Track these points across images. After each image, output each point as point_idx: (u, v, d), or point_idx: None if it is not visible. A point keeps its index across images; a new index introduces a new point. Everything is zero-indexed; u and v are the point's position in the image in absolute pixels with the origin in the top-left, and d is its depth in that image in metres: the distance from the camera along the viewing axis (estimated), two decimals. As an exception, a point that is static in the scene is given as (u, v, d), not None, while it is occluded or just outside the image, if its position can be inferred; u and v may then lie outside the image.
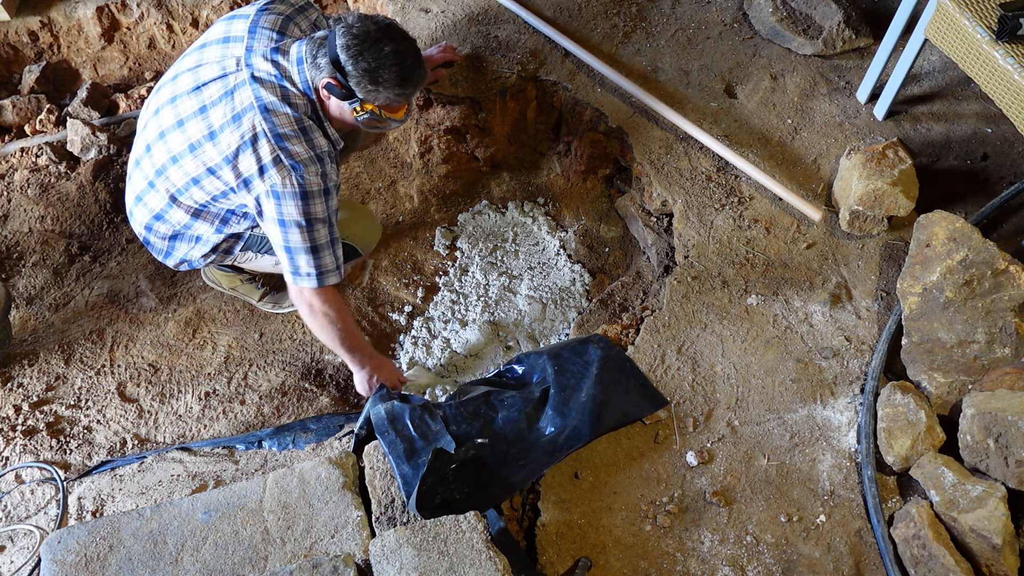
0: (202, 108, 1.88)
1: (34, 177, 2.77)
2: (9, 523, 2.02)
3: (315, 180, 1.86)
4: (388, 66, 1.79)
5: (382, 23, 1.81)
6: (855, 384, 2.07)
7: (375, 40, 1.77)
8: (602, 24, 2.80)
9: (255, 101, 1.82)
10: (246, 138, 1.83)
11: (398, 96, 1.86)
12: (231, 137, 1.84)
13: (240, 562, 1.73)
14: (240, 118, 1.84)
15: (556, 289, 2.61)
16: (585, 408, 1.94)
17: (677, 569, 1.79)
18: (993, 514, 1.71)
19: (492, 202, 2.84)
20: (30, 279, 2.56)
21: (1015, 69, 2.02)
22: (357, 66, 1.78)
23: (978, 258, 1.98)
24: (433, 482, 1.80)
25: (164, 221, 2.06)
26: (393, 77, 1.81)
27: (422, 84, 1.91)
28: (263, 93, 1.82)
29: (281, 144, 1.82)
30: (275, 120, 1.82)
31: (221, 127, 1.86)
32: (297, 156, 1.83)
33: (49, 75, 3.03)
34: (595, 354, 2.05)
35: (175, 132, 1.92)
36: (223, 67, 1.89)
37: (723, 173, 2.47)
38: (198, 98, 1.90)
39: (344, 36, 1.77)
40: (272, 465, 2.13)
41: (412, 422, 1.93)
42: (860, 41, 2.73)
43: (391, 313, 2.58)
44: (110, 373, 2.37)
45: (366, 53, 1.77)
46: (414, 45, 1.86)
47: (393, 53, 1.79)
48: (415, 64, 1.84)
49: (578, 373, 2.01)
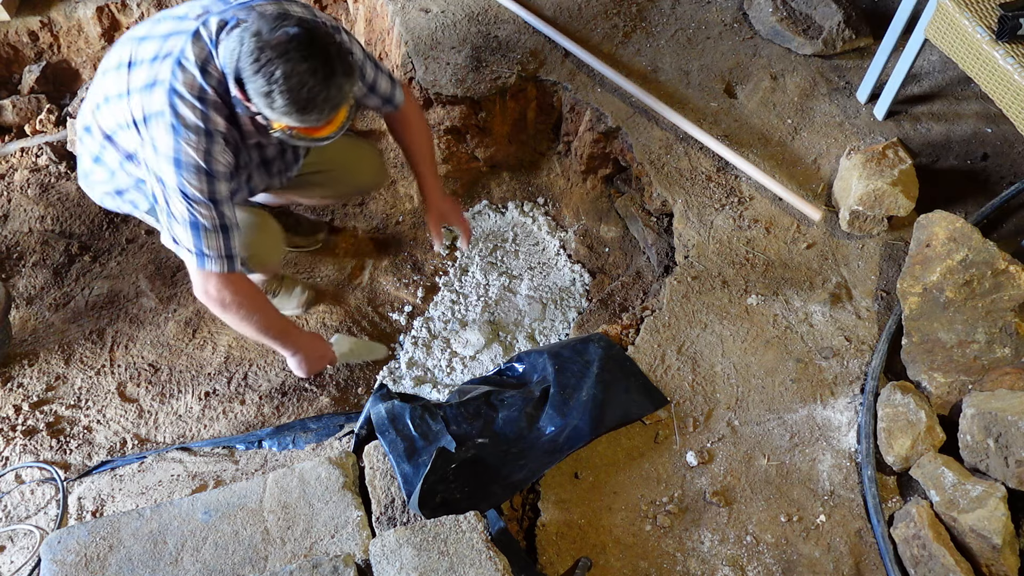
0: (143, 37, 1.78)
1: (34, 177, 2.77)
2: (9, 523, 2.02)
3: (192, 152, 1.68)
4: (281, 92, 1.56)
5: (285, 36, 1.54)
6: (855, 384, 2.07)
7: (270, 59, 1.54)
8: (602, 24, 2.80)
9: (179, 53, 1.67)
10: (148, 81, 1.70)
11: (303, 122, 1.63)
12: (142, 74, 1.73)
13: (240, 562, 1.73)
14: (156, 60, 1.71)
15: (556, 289, 2.61)
16: (586, 407, 1.94)
17: (677, 569, 1.79)
18: (993, 514, 1.71)
19: (492, 202, 2.84)
20: (30, 279, 2.56)
21: (1015, 69, 2.02)
22: (253, 86, 1.58)
23: (978, 258, 1.98)
24: (434, 481, 1.80)
25: (91, 136, 1.94)
26: (288, 104, 1.58)
27: (336, 106, 1.64)
28: (188, 49, 1.66)
29: (172, 100, 1.66)
30: (181, 76, 1.66)
31: (140, 61, 1.74)
32: (183, 119, 1.66)
33: (49, 75, 3.03)
34: (596, 353, 2.05)
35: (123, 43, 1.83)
36: (186, 12, 1.76)
37: (723, 173, 2.47)
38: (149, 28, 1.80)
39: (246, 45, 1.57)
40: (272, 465, 2.13)
41: (413, 422, 1.93)
42: (860, 41, 2.73)
43: (391, 313, 2.58)
44: (110, 373, 2.37)
45: (258, 74, 1.56)
46: (325, 62, 1.57)
47: (286, 77, 1.54)
48: (318, 89, 1.57)
49: (579, 372, 2.01)
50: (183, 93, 1.66)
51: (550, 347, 2.12)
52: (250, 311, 1.92)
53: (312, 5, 2.07)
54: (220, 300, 1.87)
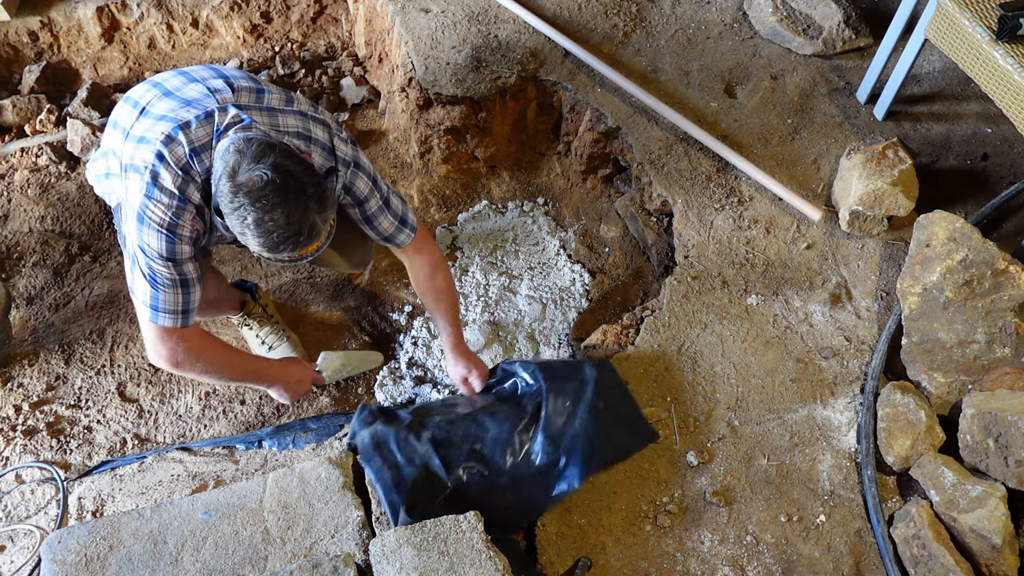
0: (167, 92, 1.79)
1: (34, 177, 2.77)
2: (9, 523, 2.02)
3: (159, 213, 1.67)
4: (253, 235, 1.58)
5: (259, 182, 1.55)
6: (855, 384, 2.07)
7: (241, 204, 1.55)
8: (602, 24, 2.80)
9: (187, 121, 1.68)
10: (146, 135, 1.70)
11: (274, 257, 1.66)
12: (143, 124, 1.73)
13: (240, 562, 1.73)
14: (163, 119, 1.72)
15: (556, 289, 2.61)
16: (578, 446, 1.86)
17: (677, 569, 1.79)
18: (993, 514, 1.71)
19: (492, 202, 2.84)
20: (30, 279, 2.56)
21: (1015, 69, 2.02)
22: (228, 219, 1.61)
23: (978, 258, 1.98)
24: (420, 516, 1.75)
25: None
26: (257, 244, 1.60)
27: (309, 241, 1.64)
28: (194, 125, 1.68)
29: (155, 162, 1.66)
30: (172, 143, 1.66)
31: (151, 114, 1.74)
32: (159, 181, 1.66)
33: (49, 75, 3.03)
34: (591, 375, 1.97)
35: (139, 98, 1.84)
36: (221, 87, 1.78)
37: (723, 173, 2.47)
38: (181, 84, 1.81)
39: (224, 183, 1.58)
40: (272, 465, 2.13)
41: (398, 445, 1.88)
42: (860, 41, 2.73)
43: (391, 313, 2.58)
44: (110, 373, 2.37)
45: (233, 215, 1.58)
46: (297, 207, 1.58)
47: (256, 224, 1.56)
48: (288, 235, 1.59)
49: (573, 394, 1.93)
50: (169, 161, 1.66)
51: (543, 364, 2.03)
52: (209, 363, 1.90)
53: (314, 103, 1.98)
54: (172, 359, 1.84)
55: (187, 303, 1.78)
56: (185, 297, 1.77)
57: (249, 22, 3.21)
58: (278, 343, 2.34)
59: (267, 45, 3.25)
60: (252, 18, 3.21)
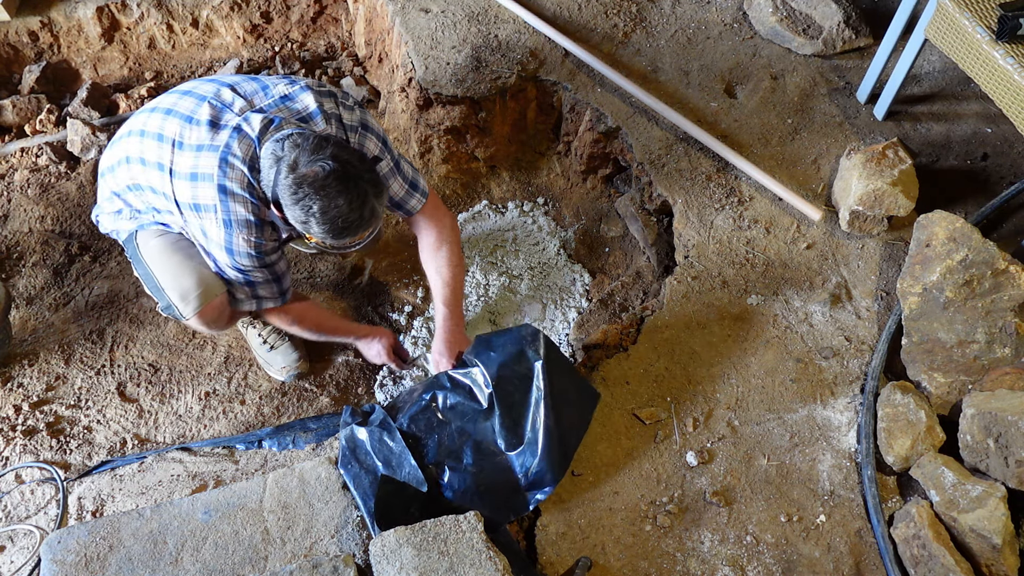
0: (189, 118, 1.85)
1: (34, 177, 2.77)
2: (9, 523, 2.02)
3: (243, 242, 1.84)
4: (319, 223, 1.70)
5: (322, 172, 1.66)
6: (855, 384, 2.07)
7: (307, 194, 1.67)
8: (602, 24, 2.80)
9: (223, 148, 1.78)
10: (195, 170, 1.80)
11: (336, 243, 1.78)
12: (187, 160, 1.82)
13: (240, 562, 1.73)
14: (202, 150, 1.80)
15: (556, 289, 2.61)
16: (544, 448, 1.83)
17: (677, 569, 1.79)
18: (993, 514, 1.71)
19: (492, 202, 2.84)
20: (30, 279, 2.56)
21: (1015, 69, 2.02)
22: (292, 213, 1.72)
23: (978, 258, 1.98)
24: (399, 518, 1.75)
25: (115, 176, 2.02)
26: (325, 232, 1.72)
27: (368, 226, 1.77)
28: (235, 146, 1.78)
29: (222, 197, 1.78)
30: (230, 173, 1.77)
31: (188, 145, 1.82)
32: (234, 214, 1.80)
33: (49, 75, 3.03)
34: (534, 360, 1.89)
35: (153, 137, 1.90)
36: (230, 100, 1.85)
37: (723, 173, 2.47)
38: (194, 107, 1.87)
39: (285, 176, 1.69)
40: (272, 465, 2.13)
41: (373, 448, 1.87)
42: (860, 41, 2.73)
43: (391, 313, 2.58)
44: (110, 373, 2.37)
45: (298, 205, 1.69)
46: (358, 194, 1.70)
47: (323, 211, 1.68)
48: (352, 219, 1.71)
49: (520, 387, 1.89)
50: (233, 189, 1.79)
51: (480, 352, 1.95)
52: (303, 321, 2.16)
53: (326, 82, 2.04)
54: (289, 322, 2.14)
55: (281, 289, 2.04)
56: (280, 284, 2.03)
57: (249, 22, 3.21)
58: (279, 342, 2.34)
59: (267, 45, 3.25)
60: (252, 18, 3.21)
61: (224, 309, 2.03)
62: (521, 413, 1.87)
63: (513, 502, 1.84)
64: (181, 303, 1.97)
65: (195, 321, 2.01)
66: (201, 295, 1.97)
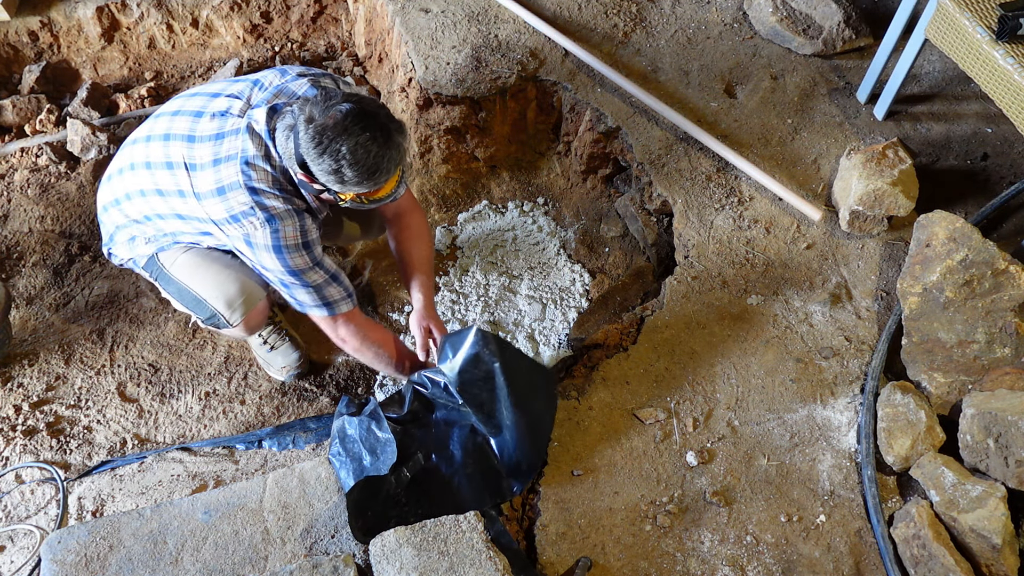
0: (191, 137, 1.85)
1: (34, 177, 2.77)
2: (9, 523, 2.02)
3: (292, 233, 1.82)
4: (350, 164, 1.67)
5: (340, 114, 1.66)
6: (855, 384, 2.07)
7: (332, 139, 1.66)
8: (602, 24, 2.80)
9: (240, 153, 1.78)
10: (221, 184, 1.80)
11: (371, 187, 1.76)
12: (207, 177, 1.82)
13: (240, 562, 1.73)
14: (219, 163, 1.80)
15: (556, 289, 2.61)
16: (517, 442, 1.87)
17: (677, 569, 1.79)
18: (993, 514, 1.71)
19: (492, 202, 2.84)
20: (30, 279, 2.56)
21: (1015, 69, 2.02)
22: (320, 167, 1.70)
23: (978, 258, 1.98)
24: (383, 505, 1.78)
25: (120, 210, 2.02)
26: (358, 174, 1.70)
27: (396, 167, 1.76)
28: (250, 147, 1.78)
29: (256, 197, 1.77)
30: (253, 174, 1.78)
31: (202, 165, 1.83)
32: (273, 210, 1.78)
33: (49, 75, 3.03)
34: (491, 361, 1.91)
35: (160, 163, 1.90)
36: (227, 107, 1.86)
37: (723, 173, 2.47)
38: (192, 125, 1.88)
39: (305, 133, 1.68)
40: (272, 465, 2.13)
41: (361, 437, 1.89)
42: (860, 41, 2.73)
43: (391, 313, 2.58)
44: (110, 373, 2.37)
45: (326, 154, 1.67)
46: (381, 129, 1.70)
47: (352, 150, 1.66)
48: (381, 154, 1.70)
49: (484, 385, 1.92)
50: (263, 188, 1.78)
51: (443, 358, 1.99)
52: (364, 342, 2.03)
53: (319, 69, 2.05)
54: (348, 337, 2.00)
55: (347, 288, 1.95)
56: (341, 283, 1.94)
57: (249, 22, 3.21)
58: (280, 342, 2.34)
59: (267, 45, 3.25)
60: (252, 18, 3.21)
61: (266, 311, 2.06)
62: (493, 408, 1.91)
63: (501, 488, 1.87)
64: (227, 311, 1.98)
65: (240, 328, 2.01)
66: (246, 300, 1.98)
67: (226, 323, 2.00)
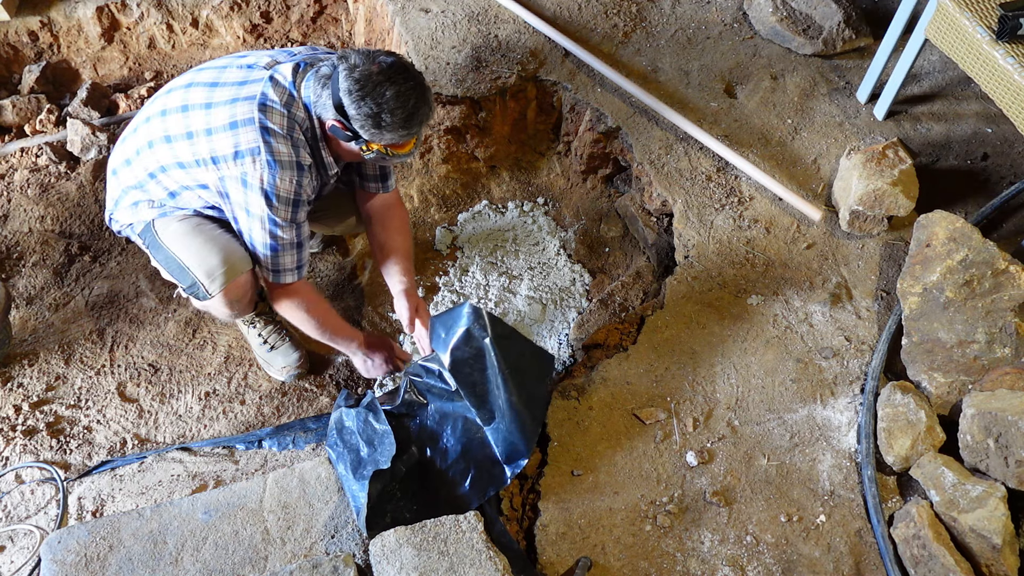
0: (214, 83, 1.90)
1: (34, 177, 2.77)
2: (9, 523, 2.02)
3: (288, 186, 1.85)
4: (391, 110, 1.77)
5: (384, 64, 1.78)
6: (855, 384, 2.07)
7: (376, 84, 1.76)
8: (602, 24, 2.80)
9: (259, 95, 1.83)
10: (234, 119, 1.83)
11: (403, 136, 1.85)
12: (221, 114, 1.84)
13: (240, 562, 1.73)
14: (236, 101, 1.84)
15: (556, 289, 2.61)
16: (512, 422, 1.87)
17: (677, 569, 1.79)
18: (993, 514, 1.71)
19: (492, 202, 2.84)
20: (30, 279, 2.56)
21: (1015, 69, 2.02)
22: (360, 111, 1.77)
23: (978, 258, 1.98)
24: (379, 499, 1.78)
25: (130, 170, 2.03)
26: (396, 121, 1.79)
27: (427, 121, 1.88)
28: (270, 92, 1.83)
29: (266, 137, 1.81)
30: (268, 116, 1.82)
31: (218, 103, 1.86)
32: (278, 155, 1.82)
33: (49, 75, 3.03)
34: (482, 337, 1.92)
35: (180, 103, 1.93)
36: (254, 61, 1.92)
37: (723, 173, 2.47)
38: (216, 74, 1.92)
39: (347, 79, 1.76)
40: (272, 465, 2.13)
41: (358, 428, 1.90)
42: (860, 41, 2.73)
43: (391, 313, 2.58)
44: (110, 373, 2.37)
45: (368, 98, 1.76)
46: (419, 83, 1.82)
47: (395, 96, 1.77)
48: (418, 104, 1.81)
49: (476, 364, 1.92)
50: (275, 130, 1.82)
51: (435, 338, 2.01)
52: (307, 312, 2.08)
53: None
54: (293, 306, 2.06)
55: (300, 260, 2.00)
56: (299, 255, 1.99)
57: (249, 22, 3.21)
58: (280, 342, 2.34)
59: (267, 45, 3.25)
60: (252, 18, 3.21)
61: (248, 288, 2.04)
62: (485, 390, 1.91)
63: (494, 475, 1.87)
64: (207, 280, 1.97)
65: (219, 299, 2.00)
66: (227, 272, 1.97)
67: (205, 293, 1.98)
